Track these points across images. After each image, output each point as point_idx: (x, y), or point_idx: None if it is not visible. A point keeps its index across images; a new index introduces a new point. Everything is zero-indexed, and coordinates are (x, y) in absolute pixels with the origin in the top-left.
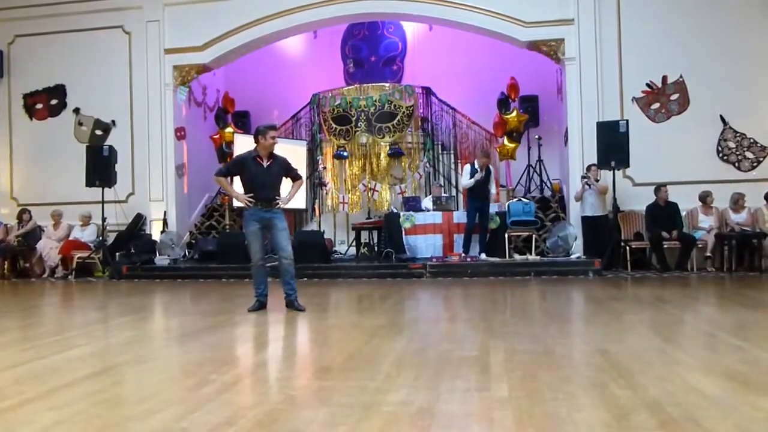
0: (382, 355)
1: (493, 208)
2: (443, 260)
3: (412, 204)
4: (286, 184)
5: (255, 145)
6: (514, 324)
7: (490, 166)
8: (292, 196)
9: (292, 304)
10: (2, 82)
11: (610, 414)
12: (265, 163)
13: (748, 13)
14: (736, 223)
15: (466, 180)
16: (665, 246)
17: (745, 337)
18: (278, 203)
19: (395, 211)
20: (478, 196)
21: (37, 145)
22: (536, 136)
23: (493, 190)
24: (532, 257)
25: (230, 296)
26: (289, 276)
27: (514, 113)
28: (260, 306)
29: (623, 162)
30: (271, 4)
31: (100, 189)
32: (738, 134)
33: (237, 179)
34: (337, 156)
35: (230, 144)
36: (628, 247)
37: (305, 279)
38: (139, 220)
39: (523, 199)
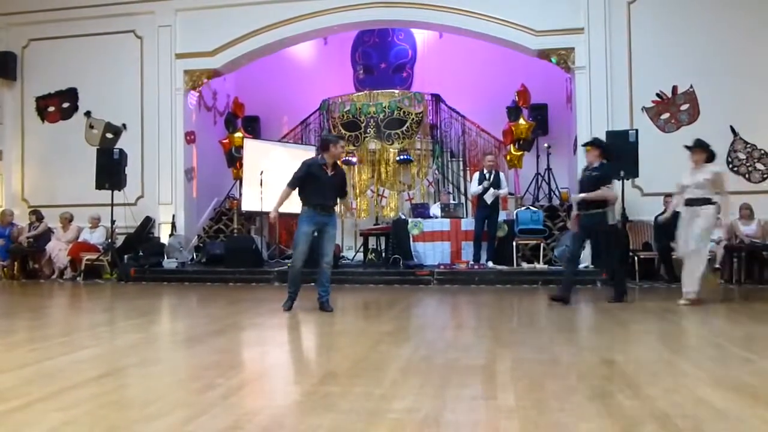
0: (388, 362)
1: (501, 216)
2: (451, 267)
3: (420, 211)
4: None
5: (323, 153)
6: (521, 333)
7: (500, 172)
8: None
9: (323, 306)
10: (15, 85)
11: (617, 425)
12: (330, 172)
13: (758, 24)
14: (745, 234)
15: (474, 187)
16: (674, 256)
17: (754, 350)
18: (332, 209)
19: (403, 217)
20: (485, 203)
21: (49, 148)
22: (545, 145)
23: (503, 190)
24: (540, 266)
25: (237, 300)
26: (325, 278)
27: (521, 121)
28: (292, 302)
29: (632, 172)
30: (282, 10)
31: (110, 192)
32: (748, 145)
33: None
34: (346, 162)
35: (239, 148)
36: (636, 257)
37: (312, 284)
38: (147, 223)
39: (531, 207)
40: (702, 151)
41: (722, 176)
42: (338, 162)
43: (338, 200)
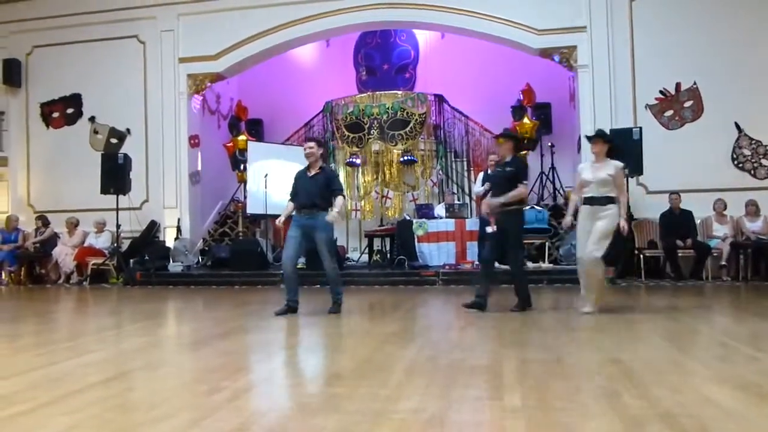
0: (393, 363)
1: None
2: (456, 268)
3: (424, 211)
4: None
5: None
6: (526, 332)
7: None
8: (338, 209)
9: (331, 308)
10: (20, 91)
11: (622, 424)
12: (311, 173)
13: (761, 20)
14: (751, 231)
15: (478, 187)
16: (679, 254)
17: (761, 348)
18: (317, 210)
19: (408, 218)
20: None
21: (54, 153)
22: (549, 144)
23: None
24: (545, 265)
25: (243, 303)
26: (331, 281)
27: (525, 120)
28: (287, 310)
29: (637, 170)
30: (284, 13)
31: (115, 196)
32: (753, 141)
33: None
34: (350, 163)
35: (243, 152)
36: (642, 256)
37: (318, 286)
38: (153, 227)
39: (536, 206)
40: (603, 142)
41: (622, 174)
42: (322, 163)
43: (333, 201)
